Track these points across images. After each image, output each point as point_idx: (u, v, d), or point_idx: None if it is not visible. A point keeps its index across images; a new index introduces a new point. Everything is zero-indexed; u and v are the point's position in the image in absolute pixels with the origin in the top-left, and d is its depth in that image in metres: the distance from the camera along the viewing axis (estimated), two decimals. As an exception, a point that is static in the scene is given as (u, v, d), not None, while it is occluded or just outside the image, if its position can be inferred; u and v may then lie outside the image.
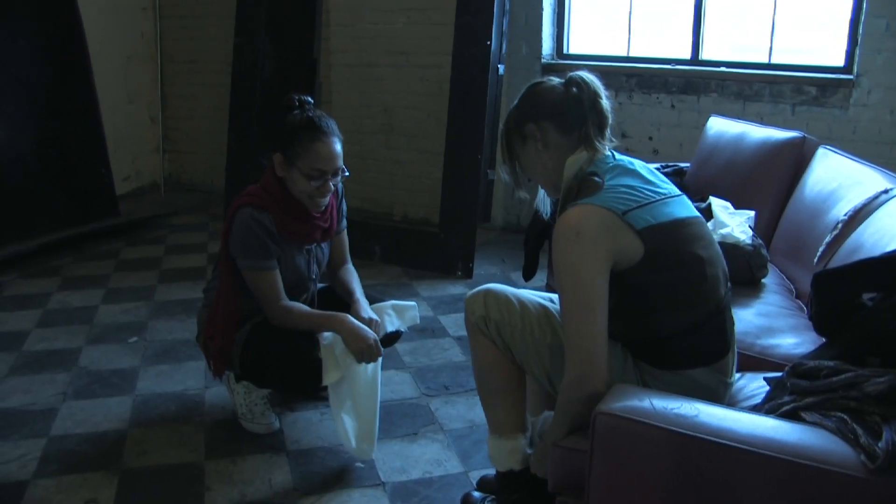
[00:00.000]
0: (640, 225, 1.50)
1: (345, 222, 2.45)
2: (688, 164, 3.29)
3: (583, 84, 1.63)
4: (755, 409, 1.49)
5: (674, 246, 1.54)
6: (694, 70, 4.02)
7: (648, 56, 4.24)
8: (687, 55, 4.10)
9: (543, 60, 4.43)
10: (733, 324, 1.69)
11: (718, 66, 3.96)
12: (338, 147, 2.14)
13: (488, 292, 1.76)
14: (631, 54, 4.32)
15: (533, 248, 3.49)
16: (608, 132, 1.66)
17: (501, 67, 4.14)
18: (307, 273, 2.33)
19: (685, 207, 1.62)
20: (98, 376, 2.78)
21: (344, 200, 2.41)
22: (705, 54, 4.06)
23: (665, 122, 4.14)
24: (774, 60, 3.87)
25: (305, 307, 2.25)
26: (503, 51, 4.13)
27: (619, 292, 1.53)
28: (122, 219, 4.65)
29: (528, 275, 3.59)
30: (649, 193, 1.56)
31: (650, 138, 4.19)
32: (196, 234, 4.72)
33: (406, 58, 4.65)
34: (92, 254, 4.25)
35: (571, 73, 1.66)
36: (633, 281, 1.52)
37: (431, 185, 4.63)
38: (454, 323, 3.29)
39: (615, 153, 1.67)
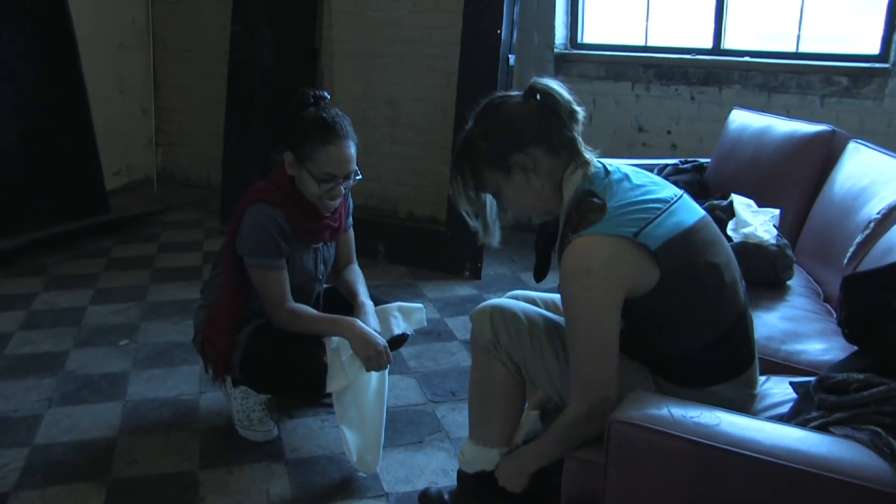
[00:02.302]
0: (654, 244, 1.46)
1: (351, 220, 2.45)
2: (708, 160, 3.28)
3: (552, 93, 1.56)
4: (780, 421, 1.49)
5: (689, 260, 1.51)
6: (715, 60, 4.00)
7: (667, 45, 4.22)
8: (708, 44, 4.08)
9: (556, 50, 4.43)
10: (753, 325, 1.67)
11: (742, 56, 3.95)
12: (352, 150, 2.13)
13: (494, 311, 1.73)
14: (649, 43, 4.30)
15: (544, 248, 3.46)
16: (579, 135, 1.60)
17: (512, 58, 4.13)
18: (314, 273, 2.33)
19: (690, 210, 1.59)
20: (86, 381, 2.79)
21: (350, 197, 2.41)
22: (728, 43, 4.04)
23: (684, 115, 4.12)
24: (802, 49, 3.85)
25: (312, 310, 2.25)
26: (514, 40, 4.12)
27: (633, 318, 1.51)
28: (113, 215, 4.66)
29: (540, 276, 3.56)
30: (654, 205, 1.52)
31: (668, 132, 4.18)
32: (191, 231, 4.73)
33: (412, 47, 4.64)
34: (80, 252, 4.26)
35: (532, 83, 1.59)
36: (649, 306, 1.50)
37: (438, 180, 4.63)
38: (462, 326, 3.29)
39: (600, 161, 1.62)
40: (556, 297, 1.95)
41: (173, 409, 2.61)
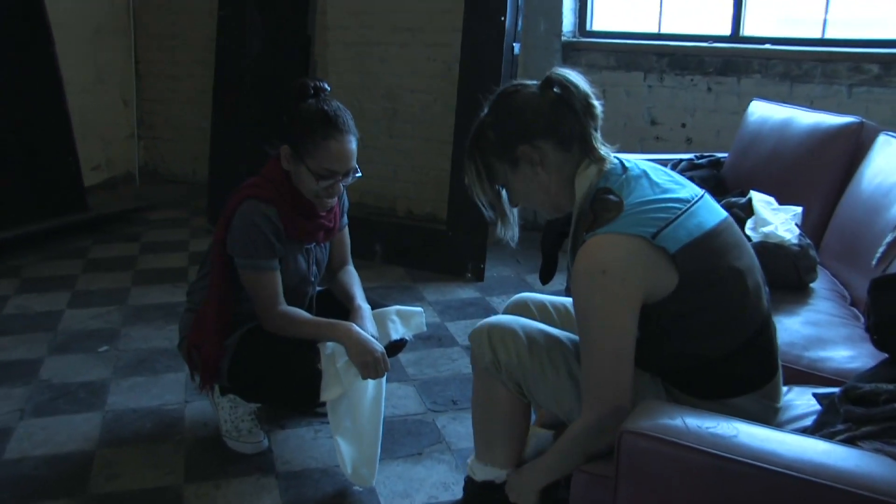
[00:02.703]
0: (673, 247, 1.45)
1: (346, 219, 2.45)
2: (726, 155, 3.27)
3: (569, 85, 1.57)
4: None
5: (710, 264, 1.50)
6: (734, 48, 4.00)
7: (682, 32, 4.22)
8: (726, 31, 4.08)
9: (564, 38, 4.43)
10: (776, 333, 1.67)
11: (762, 43, 3.94)
12: (353, 146, 2.14)
13: (492, 330, 1.74)
14: (662, 30, 4.30)
15: (551, 248, 3.46)
16: (598, 132, 1.61)
17: (517, 46, 4.12)
18: (307, 275, 2.34)
19: (711, 211, 1.58)
20: (62, 390, 2.79)
21: (346, 195, 2.41)
22: (747, 29, 4.04)
23: (700, 106, 4.12)
24: (828, 35, 3.84)
25: (306, 313, 2.25)
26: (519, 28, 4.12)
27: (650, 325, 1.50)
28: (91, 213, 4.67)
29: (546, 278, 3.56)
30: (674, 205, 1.51)
31: (683, 125, 4.18)
32: (175, 230, 4.73)
33: (411, 35, 4.64)
34: (56, 252, 4.26)
35: (550, 73, 1.60)
36: (667, 312, 1.49)
37: (439, 176, 4.63)
38: (463, 331, 3.29)
39: (617, 156, 1.62)
40: (567, 300, 1.96)
41: (156, 419, 2.60)
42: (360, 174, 2.21)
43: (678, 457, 1.26)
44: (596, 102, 1.59)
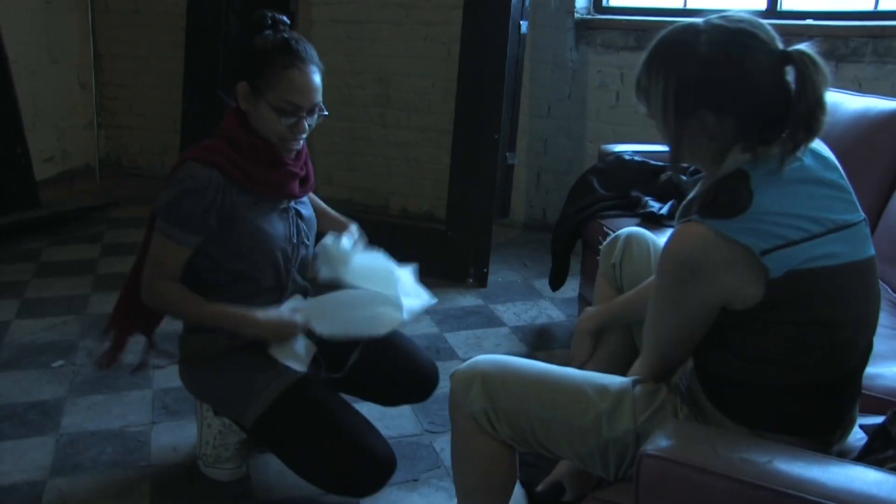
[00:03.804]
0: (777, 272, 1.42)
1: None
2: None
3: (807, 77, 1.46)
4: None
5: (806, 300, 1.46)
6: (771, 24, 3.98)
7: (711, 7, 4.22)
8: (762, 5, 4.09)
9: (577, 15, 4.43)
10: (858, 394, 1.62)
11: (803, 18, 3.94)
12: (317, 78, 2.16)
13: (486, 375, 1.73)
14: (688, 6, 4.31)
15: (562, 250, 3.49)
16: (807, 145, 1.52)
17: (524, 24, 4.13)
18: (293, 237, 2.29)
19: (857, 244, 1.51)
20: (8, 412, 2.77)
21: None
22: (786, 3, 4.05)
23: (733, 91, 4.11)
24: (882, 6, 3.83)
25: (194, 295, 2.17)
26: (527, 3, 4.12)
27: (720, 324, 1.51)
28: (45, 211, 4.66)
29: (557, 283, 3.59)
30: (811, 225, 1.45)
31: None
32: (141, 230, 4.58)
33: (406, 12, 4.65)
34: (3, 255, 4.25)
35: (796, 48, 1.49)
36: (734, 320, 1.49)
37: (437, 171, 4.63)
38: (464, 342, 3.29)
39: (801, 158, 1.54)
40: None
41: (119, 443, 2.60)
42: (326, 112, 2.22)
43: (705, 484, 1.25)
44: (823, 117, 1.50)
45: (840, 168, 1.59)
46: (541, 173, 4.74)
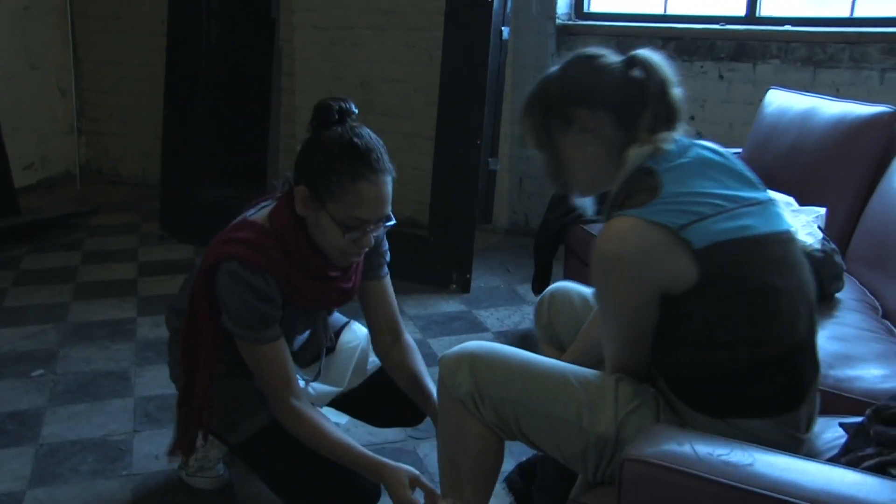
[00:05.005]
0: (699, 243, 1.50)
1: (387, 260, 2.21)
2: (740, 150, 3.28)
3: (649, 67, 1.65)
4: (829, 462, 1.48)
5: (738, 271, 1.53)
6: (750, 30, 4.03)
7: (691, 14, 4.25)
8: (740, 11, 4.11)
9: (558, 21, 4.45)
10: (816, 369, 1.66)
11: (782, 24, 3.98)
12: (389, 188, 1.90)
13: (473, 360, 1.73)
14: (668, 11, 4.33)
15: (545, 255, 3.50)
16: (678, 125, 1.67)
17: (506, 31, 4.14)
18: (310, 326, 2.20)
19: (769, 219, 1.61)
20: (-9, 420, 2.76)
21: (383, 232, 2.07)
22: (765, 9, 4.08)
23: (711, 96, 4.15)
24: (858, 13, 3.87)
25: (331, 426, 2.01)
26: (508, 9, 4.13)
27: (667, 317, 1.56)
28: (24, 218, 4.64)
29: (540, 288, 3.59)
30: (721, 202, 1.56)
31: (692, 118, 4.20)
32: (122, 237, 4.71)
33: (388, 18, 4.65)
34: (-15, 263, 4.23)
35: (633, 53, 1.68)
36: (681, 311, 1.54)
37: (420, 176, 4.62)
38: (447, 348, 3.23)
39: (687, 141, 1.67)
40: None
41: (99, 452, 2.58)
42: (394, 221, 1.96)
43: (687, 487, 1.26)
44: (675, 90, 1.66)
45: (740, 161, 1.71)
46: (523, 179, 4.75)
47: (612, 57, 1.70)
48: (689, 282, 1.51)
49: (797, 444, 1.62)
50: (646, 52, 1.68)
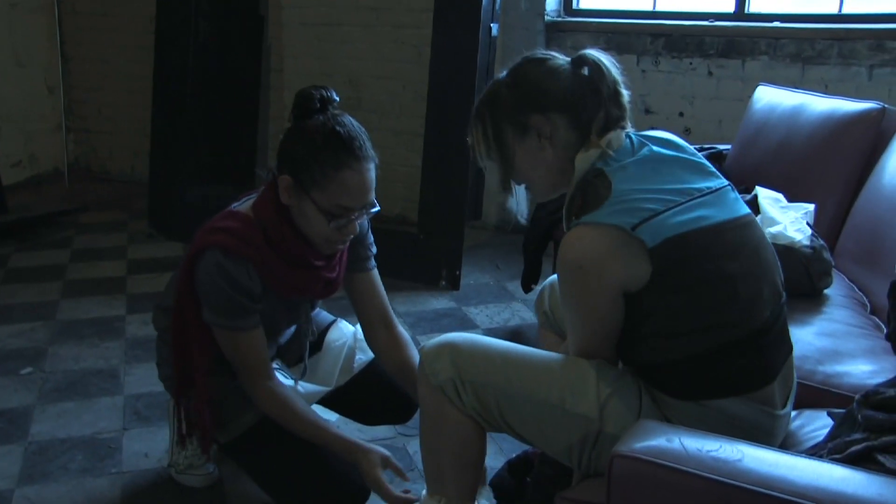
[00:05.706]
0: (652, 241, 1.53)
1: (374, 252, 2.22)
2: (728, 147, 3.29)
3: (599, 67, 1.67)
4: (814, 450, 1.48)
5: (691, 262, 1.56)
6: (738, 26, 4.04)
7: (679, 10, 4.26)
8: (729, 7, 4.12)
9: (547, 18, 4.45)
10: (790, 351, 1.69)
11: (770, 21, 3.99)
12: (372, 174, 1.91)
13: (454, 347, 1.73)
14: (657, 8, 4.34)
15: (534, 252, 3.50)
16: (627, 123, 1.70)
17: (495, 27, 4.14)
18: (294, 321, 2.21)
19: (724, 206, 1.64)
20: (-21, 419, 2.75)
21: (367, 222, 2.15)
22: (753, 6, 4.09)
23: (700, 93, 4.15)
24: (846, 10, 3.88)
25: (303, 405, 2.05)
26: (497, 7, 4.13)
27: (631, 312, 1.60)
28: (12, 216, 4.62)
29: (529, 285, 3.59)
30: (672, 196, 1.58)
31: (681, 114, 4.21)
32: (111, 235, 4.69)
33: (377, 15, 4.64)
34: (-26, 261, 4.21)
35: (581, 52, 1.70)
36: (642, 304, 1.58)
37: (409, 173, 4.62)
38: (437, 347, 3.28)
39: (637, 136, 1.70)
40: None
41: (89, 450, 2.57)
42: (377, 208, 1.97)
43: (676, 483, 1.26)
44: (624, 91, 1.69)
45: (692, 148, 1.74)
46: (512, 175, 4.74)
47: (560, 58, 1.72)
48: (643, 279, 1.55)
49: (772, 420, 1.64)
50: (594, 52, 1.69)
